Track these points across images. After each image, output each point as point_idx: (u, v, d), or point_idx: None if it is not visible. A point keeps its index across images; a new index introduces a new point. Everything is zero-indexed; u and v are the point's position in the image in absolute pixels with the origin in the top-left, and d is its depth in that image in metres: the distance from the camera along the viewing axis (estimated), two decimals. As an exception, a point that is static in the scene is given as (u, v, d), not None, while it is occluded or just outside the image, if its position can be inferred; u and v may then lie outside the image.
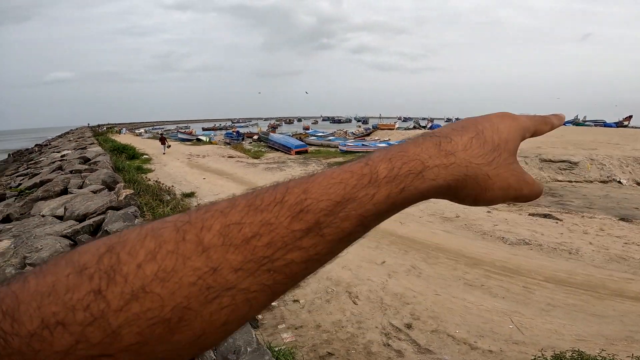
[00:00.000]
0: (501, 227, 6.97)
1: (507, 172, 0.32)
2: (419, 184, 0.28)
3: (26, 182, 7.08)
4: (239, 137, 31.12)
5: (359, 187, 0.26)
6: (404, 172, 0.27)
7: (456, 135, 0.31)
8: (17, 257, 2.44)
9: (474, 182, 0.30)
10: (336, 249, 0.27)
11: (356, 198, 0.26)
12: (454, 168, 0.29)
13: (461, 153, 0.30)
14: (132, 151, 16.83)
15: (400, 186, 0.27)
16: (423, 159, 0.28)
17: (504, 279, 4.78)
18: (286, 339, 3.29)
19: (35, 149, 25.66)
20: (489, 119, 0.34)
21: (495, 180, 0.31)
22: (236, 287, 0.23)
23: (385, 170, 0.27)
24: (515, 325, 3.70)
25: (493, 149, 0.31)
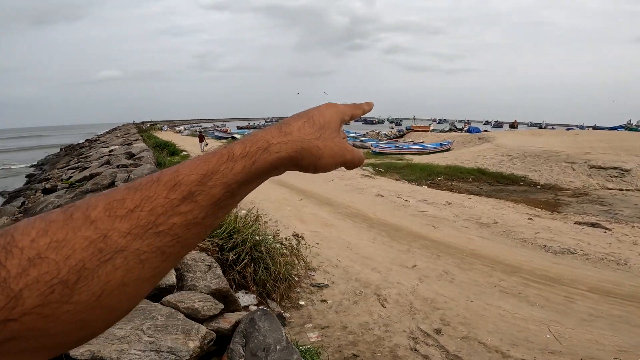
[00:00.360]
0: (543, 235, 6.62)
1: (331, 143, 0.41)
2: (267, 156, 0.36)
3: (77, 175, 7.63)
4: (273, 135, 31.58)
5: (220, 163, 0.33)
6: (254, 149, 0.36)
7: (293, 121, 0.40)
8: None
9: (309, 152, 0.39)
10: (211, 214, 0.33)
11: (219, 170, 0.33)
12: (292, 143, 0.38)
13: (296, 132, 0.39)
14: (172, 148, 17.62)
15: (252, 159, 0.35)
16: (268, 139, 0.37)
17: (543, 287, 4.56)
18: (312, 339, 3.32)
19: (85, 144, 27.53)
20: (317, 108, 0.44)
21: (324, 150, 0.40)
22: (127, 249, 0.27)
23: (240, 150, 0.35)
24: (552, 335, 3.53)
25: (320, 127, 0.41)
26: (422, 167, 14.49)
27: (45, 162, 24.08)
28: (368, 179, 12.24)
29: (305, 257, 4.60)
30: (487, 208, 8.54)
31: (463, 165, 14.97)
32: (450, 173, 13.42)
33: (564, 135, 21.80)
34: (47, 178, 11.19)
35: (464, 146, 21.70)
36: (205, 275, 2.20)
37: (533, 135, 22.22)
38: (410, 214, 7.90)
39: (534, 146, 15.98)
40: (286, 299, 3.83)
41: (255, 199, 8.35)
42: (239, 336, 1.75)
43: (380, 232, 6.54)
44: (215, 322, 1.86)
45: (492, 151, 16.50)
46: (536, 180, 12.68)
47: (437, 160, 16.72)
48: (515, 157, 14.95)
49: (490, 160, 15.27)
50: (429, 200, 9.11)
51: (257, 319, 1.79)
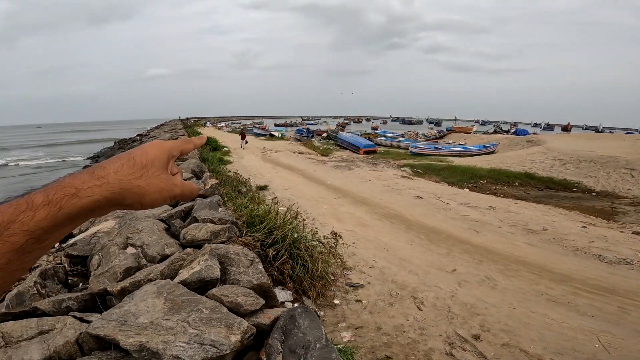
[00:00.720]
0: (598, 244, 6.15)
1: (156, 180, 0.42)
2: (77, 201, 0.36)
3: (130, 168, 8.18)
4: (309, 134, 31.93)
5: (17, 213, 0.34)
6: (58, 197, 0.35)
7: (110, 164, 0.40)
8: (121, 237, 2.79)
9: (130, 192, 0.40)
10: (16, 258, 0.34)
11: (17, 220, 0.33)
12: (107, 186, 0.38)
13: (112, 175, 0.39)
14: (214, 143, 18.30)
15: (57, 206, 0.35)
16: (76, 185, 0.37)
17: (595, 297, 4.27)
18: (345, 338, 3.32)
19: (137, 138, 29.35)
20: (140, 147, 0.44)
21: (148, 187, 0.41)
22: None
23: (41, 198, 0.35)
24: (601, 345, 3.30)
25: (142, 167, 0.41)
26: (463, 169, 13.96)
27: (100, 154, 26.02)
28: (406, 180, 11.99)
29: (342, 256, 4.60)
30: (535, 214, 8.06)
31: (509, 169, 14.24)
32: (494, 177, 12.81)
33: (623, 139, 20.10)
34: (102, 170, 12.06)
35: (510, 149, 20.64)
36: (247, 270, 2.26)
37: (589, 139, 20.68)
38: (451, 217, 7.63)
39: (590, 151, 14.86)
40: (321, 297, 3.85)
41: (292, 196, 8.47)
42: (278, 332, 1.78)
43: (419, 235, 6.38)
44: (256, 317, 1.90)
45: (542, 155, 15.56)
46: (591, 186, 11.79)
47: (480, 162, 16.02)
48: (568, 161, 14.00)
49: (540, 164, 14.40)
50: (471, 204, 8.75)
51: (298, 316, 1.81)
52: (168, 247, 2.59)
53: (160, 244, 2.61)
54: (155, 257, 2.47)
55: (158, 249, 2.55)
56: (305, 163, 15.28)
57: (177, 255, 2.37)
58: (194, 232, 2.75)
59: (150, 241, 2.63)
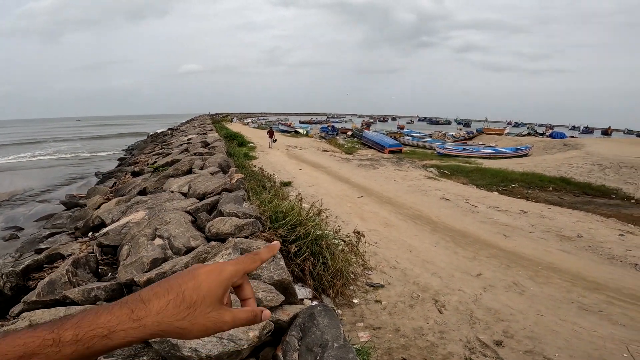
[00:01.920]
0: (636, 253, 5.81)
1: (203, 320, 0.39)
2: (107, 342, 0.35)
3: (160, 161, 8.46)
4: (334, 132, 31.88)
5: (42, 347, 0.34)
6: (88, 337, 0.35)
7: (155, 299, 0.38)
8: (150, 228, 2.87)
9: (169, 333, 0.38)
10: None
11: (41, 353, 0.34)
12: (144, 328, 0.37)
13: (152, 317, 0.37)
14: (241, 139, 18.64)
15: (85, 345, 0.35)
16: (110, 326, 0.36)
17: (630, 307, 4.05)
18: (362, 338, 3.29)
19: (168, 132, 30.39)
20: (195, 276, 0.41)
21: (191, 328, 0.39)
22: None
23: (70, 336, 0.35)
24: (630, 354, 3.12)
25: (189, 306, 0.39)
26: (493, 172, 13.48)
27: (134, 147, 27.12)
28: (432, 181, 11.73)
29: (363, 255, 4.57)
30: (570, 220, 7.68)
31: (543, 172, 13.64)
32: (526, 180, 12.30)
33: (670, 144, 18.73)
34: (135, 162, 12.59)
35: (545, 152, 19.75)
36: (269, 265, 2.29)
37: (632, 144, 19.50)
38: (479, 220, 7.40)
39: (632, 156, 13.97)
40: (340, 296, 3.84)
41: (316, 193, 8.49)
42: (296, 329, 1.79)
43: (444, 237, 6.23)
44: (275, 314, 1.92)
45: (580, 159, 14.78)
46: (631, 193, 11.10)
47: (511, 165, 15.43)
48: (608, 167, 13.23)
49: (578, 169, 13.69)
50: (500, 208, 8.45)
51: (317, 314, 1.81)
52: (193, 240, 2.66)
53: (186, 236, 2.69)
54: (181, 249, 2.55)
55: (184, 241, 2.62)
56: (330, 161, 15.27)
57: (201, 248, 2.43)
58: (218, 226, 2.81)
59: (177, 233, 2.71)
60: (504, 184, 11.83)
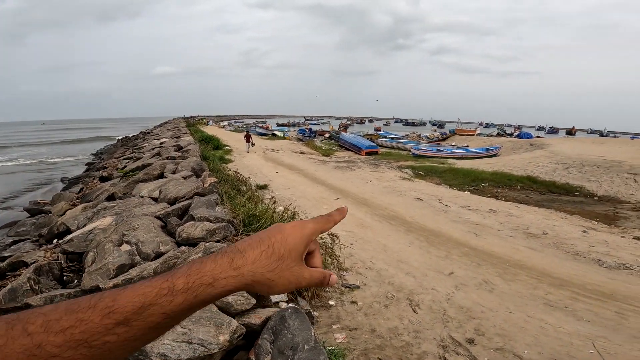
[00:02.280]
0: (599, 249, 6.12)
1: (288, 274, 0.41)
2: (211, 290, 0.38)
3: (130, 165, 8.19)
4: (312, 134, 31.94)
5: (159, 296, 0.36)
6: (197, 285, 0.37)
7: (250, 250, 0.41)
8: (117, 234, 2.78)
9: (259, 284, 0.40)
10: (148, 333, 0.35)
11: (157, 303, 0.35)
12: (241, 277, 0.39)
13: (249, 266, 0.39)
14: (216, 142, 18.35)
15: (194, 294, 0.37)
16: (215, 274, 0.38)
17: (594, 302, 4.25)
18: (338, 340, 3.31)
19: (140, 136, 29.48)
20: (282, 230, 0.43)
21: (278, 280, 0.41)
22: (60, 356, 0.31)
23: (182, 284, 0.37)
24: (596, 350, 3.28)
25: (278, 259, 0.41)
26: (465, 172, 13.91)
27: (103, 151, 26.13)
28: (407, 181, 11.96)
29: (339, 257, 4.59)
30: (536, 218, 8.02)
31: (511, 172, 14.19)
32: (496, 180, 12.77)
33: (628, 144, 19.99)
34: (104, 167, 12.13)
35: (513, 152, 20.56)
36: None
37: (594, 143, 20.57)
38: (451, 220, 7.61)
39: (594, 155, 14.78)
40: (316, 298, 3.85)
41: (292, 196, 8.47)
42: (268, 332, 1.78)
43: (418, 237, 6.37)
44: (247, 317, 1.90)
45: (545, 158, 15.48)
46: (594, 191, 11.72)
47: (482, 165, 15.97)
48: (572, 165, 13.93)
49: (543, 168, 14.34)
50: (471, 207, 8.72)
51: (288, 316, 1.81)
52: (163, 245, 2.59)
53: (155, 241, 2.62)
54: (149, 254, 2.48)
55: (153, 247, 2.55)
56: (307, 163, 15.28)
57: (171, 254, 2.37)
58: (189, 230, 2.76)
59: (145, 239, 2.63)
60: (475, 184, 12.22)
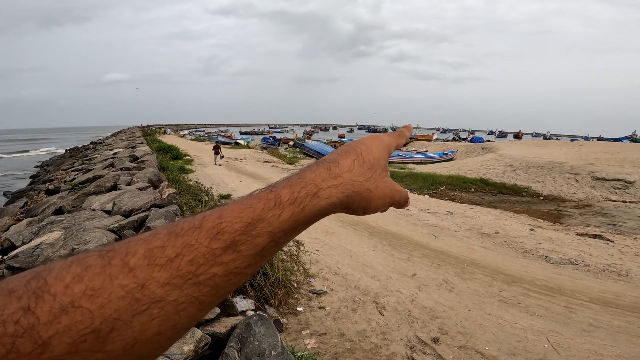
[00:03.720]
0: (545, 245, 6.59)
1: (382, 184, 0.38)
2: (316, 202, 0.33)
3: (80, 177, 7.69)
4: (275, 142, 31.82)
5: (266, 209, 0.31)
6: (302, 195, 0.33)
7: (342, 159, 0.37)
8: (65, 249, 2.62)
9: (360, 196, 0.36)
10: (254, 263, 0.31)
11: (265, 218, 0.31)
12: (343, 187, 0.35)
13: (347, 174, 0.36)
14: (176, 152, 17.74)
15: (301, 206, 0.32)
16: (317, 183, 0.34)
17: (544, 298, 4.55)
18: (309, 345, 3.31)
19: (90, 146, 27.75)
20: (363, 142, 0.40)
21: (375, 192, 0.37)
22: (165, 300, 0.26)
23: (287, 195, 0.32)
24: (551, 345, 3.52)
25: (370, 167, 0.38)
26: (424, 176, 14.48)
27: (49, 163, 24.28)
28: (370, 186, 12.23)
29: (305, 264, 4.60)
30: (489, 218, 8.51)
31: (466, 175, 14.95)
32: (452, 183, 13.40)
33: (569, 146, 21.74)
34: (50, 179, 11.28)
35: (467, 156, 21.70)
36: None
37: (537, 146, 22.18)
38: (412, 223, 7.88)
39: (538, 157, 15.95)
40: (284, 305, 3.82)
41: (256, 205, 8.35)
42: (235, 341, 1.75)
43: (381, 241, 6.52)
44: (211, 326, 1.86)
45: (495, 161, 16.48)
46: (539, 191, 12.64)
47: (439, 169, 16.71)
48: (518, 167, 14.93)
49: (494, 170, 15.25)
50: (430, 210, 9.09)
51: (253, 324, 1.79)
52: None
53: (109, 256, 2.48)
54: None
55: (106, 262, 2.41)
56: (271, 172, 15.17)
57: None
58: (147, 243, 2.64)
59: (98, 253, 2.48)
60: (434, 187, 12.76)
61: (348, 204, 0.36)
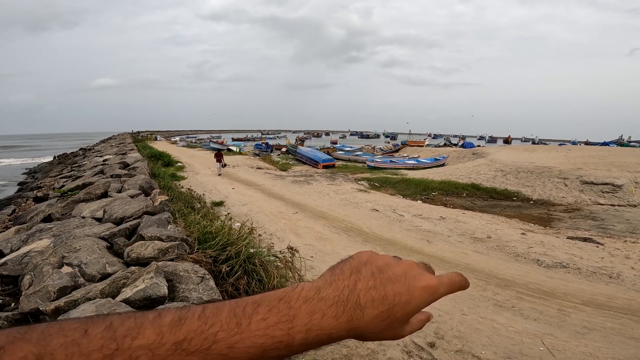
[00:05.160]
0: (537, 249, 6.66)
1: (389, 334, 0.37)
2: (327, 340, 0.34)
3: (69, 184, 7.56)
4: (268, 148, 31.80)
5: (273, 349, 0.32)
6: (313, 335, 0.33)
7: (371, 307, 0.35)
8: (55, 256, 2.58)
9: (359, 334, 0.35)
10: None
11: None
12: (353, 332, 0.34)
13: (362, 327, 0.34)
14: (167, 158, 17.57)
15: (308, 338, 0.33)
16: (326, 329, 0.34)
17: (537, 301, 4.59)
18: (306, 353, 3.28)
19: (79, 153, 27.36)
20: (411, 291, 0.37)
21: (372, 335, 0.36)
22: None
23: (300, 339, 0.33)
24: (546, 348, 3.54)
25: (390, 323, 0.35)
26: (417, 182, 14.57)
27: (37, 170, 23.86)
28: (363, 193, 12.26)
29: (300, 270, 4.55)
30: (481, 223, 8.58)
31: (457, 180, 15.09)
32: (444, 188, 13.51)
33: (557, 150, 22.11)
34: (39, 186, 11.07)
35: (458, 161, 21.92)
36: (197, 287, 2.17)
37: (526, 151, 22.51)
38: (405, 228, 7.90)
39: (527, 162, 16.20)
40: (280, 312, 3.78)
41: (250, 212, 8.31)
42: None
43: (375, 246, 6.52)
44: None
45: (486, 167, 16.68)
46: (529, 195, 12.80)
47: (431, 175, 16.84)
48: (508, 172, 15.12)
49: (484, 175, 15.42)
50: (423, 215, 9.13)
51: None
52: (110, 266, 2.42)
53: (101, 262, 2.43)
54: (95, 276, 2.30)
55: (98, 268, 2.37)
56: (264, 178, 15.11)
57: (120, 274, 2.21)
58: (139, 250, 2.60)
59: (89, 260, 2.43)
60: (426, 193, 12.84)
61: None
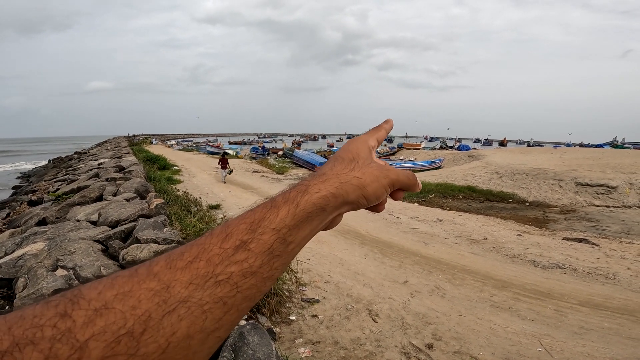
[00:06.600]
0: (533, 250, 6.68)
1: (369, 169, 0.42)
2: (308, 197, 0.37)
3: (64, 188, 7.49)
4: (265, 152, 31.79)
5: (265, 210, 0.35)
6: (293, 195, 0.37)
7: (324, 166, 0.43)
8: (50, 259, 2.55)
9: (350, 185, 0.40)
10: (267, 262, 0.33)
11: (265, 217, 0.35)
12: (329, 181, 0.39)
13: (329, 172, 0.40)
14: (163, 162, 17.49)
15: (294, 202, 0.36)
16: (305, 183, 0.39)
17: (534, 302, 4.60)
18: (303, 354, 3.25)
19: (74, 156, 27.16)
20: (342, 148, 0.46)
21: (365, 177, 0.41)
22: (190, 299, 0.28)
23: (281, 197, 0.37)
24: (544, 348, 3.54)
25: (350, 161, 0.42)
26: (413, 184, 14.56)
27: (32, 173, 23.66)
28: (360, 195, 12.26)
29: (296, 272, 4.55)
30: (477, 225, 8.60)
31: (454, 182, 15.13)
32: (441, 191, 13.54)
33: (551, 153, 22.24)
34: (33, 190, 10.97)
35: (454, 164, 22.00)
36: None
37: (522, 153, 22.64)
38: (402, 230, 7.91)
39: (523, 164, 16.29)
40: (276, 314, 3.76)
41: (246, 214, 8.27)
42: (228, 350, 1.70)
43: (372, 249, 6.51)
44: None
45: (482, 169, 16.75)
46: (525, 197, 12.86)
47: (428, 177, 16.89)
48: (504, 174, 15.20)
49: (480, 177, 15.48)
50: (420, 218, 9.14)
51: (247, 333, 1.74)
52: (105, 269, 2.39)
53: (96, 265, 2.41)
54: (90, 278, 2.27)
55: (93, 271, 2.34)
56: (261, 181, 15.08)
57: (115, 278, 2.19)
58: (135, 253, 2.57)
59: (84, 263, 2.41)
60: (423, 195, 12.87)
61: (343, 195, 0.39)
